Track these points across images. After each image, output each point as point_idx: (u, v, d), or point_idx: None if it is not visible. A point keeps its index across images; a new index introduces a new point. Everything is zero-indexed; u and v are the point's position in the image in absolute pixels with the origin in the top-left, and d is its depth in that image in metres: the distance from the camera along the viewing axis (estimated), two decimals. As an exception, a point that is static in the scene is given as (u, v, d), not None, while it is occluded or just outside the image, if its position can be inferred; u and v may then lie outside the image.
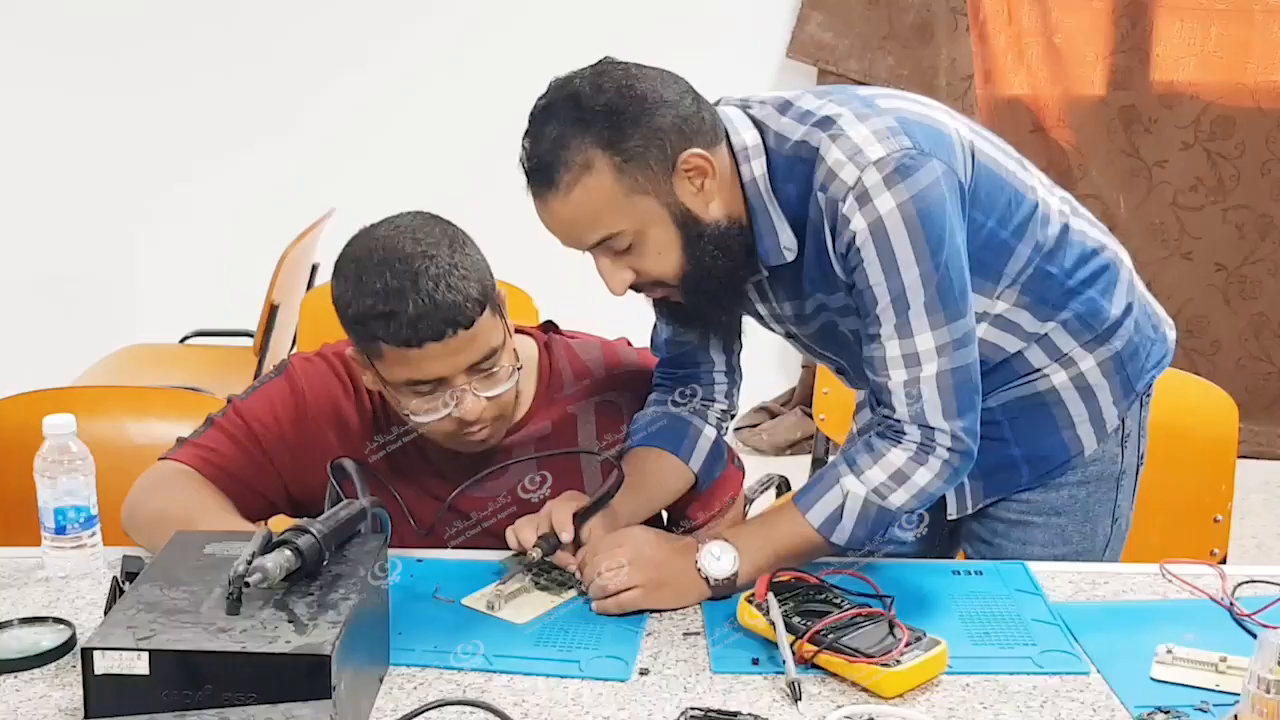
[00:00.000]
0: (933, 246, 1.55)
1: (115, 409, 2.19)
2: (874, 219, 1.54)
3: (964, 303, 1.59)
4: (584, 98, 1.54)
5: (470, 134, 4.37)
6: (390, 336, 1.62)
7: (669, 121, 1.54)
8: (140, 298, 4.60)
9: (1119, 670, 1.47)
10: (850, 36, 4.41)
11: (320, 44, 4.47)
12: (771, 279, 1.72)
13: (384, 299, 1.61)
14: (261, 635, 1.28)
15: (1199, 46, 4.40)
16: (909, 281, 1.56)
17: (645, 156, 1.54)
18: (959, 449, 1.62)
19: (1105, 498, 1.83)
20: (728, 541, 1.63)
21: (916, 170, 1.54)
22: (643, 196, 1.55)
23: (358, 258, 1.66)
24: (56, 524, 1.69)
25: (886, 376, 1.60)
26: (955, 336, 1.59)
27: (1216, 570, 1.72)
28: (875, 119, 1.58)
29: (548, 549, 1.67)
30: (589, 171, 1.54)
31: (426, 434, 1.76)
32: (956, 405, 1.60)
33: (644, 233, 1.58)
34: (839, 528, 1.63)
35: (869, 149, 1.55)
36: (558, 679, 1.46)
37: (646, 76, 1.57)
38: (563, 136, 1.54)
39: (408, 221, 1.68)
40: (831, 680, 1.45)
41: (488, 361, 1.68)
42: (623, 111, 1.53)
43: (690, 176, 1.57)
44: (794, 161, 1.61)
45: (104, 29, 4.40)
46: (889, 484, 1.62)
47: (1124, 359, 1.77)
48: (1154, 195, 4.49)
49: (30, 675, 1.47)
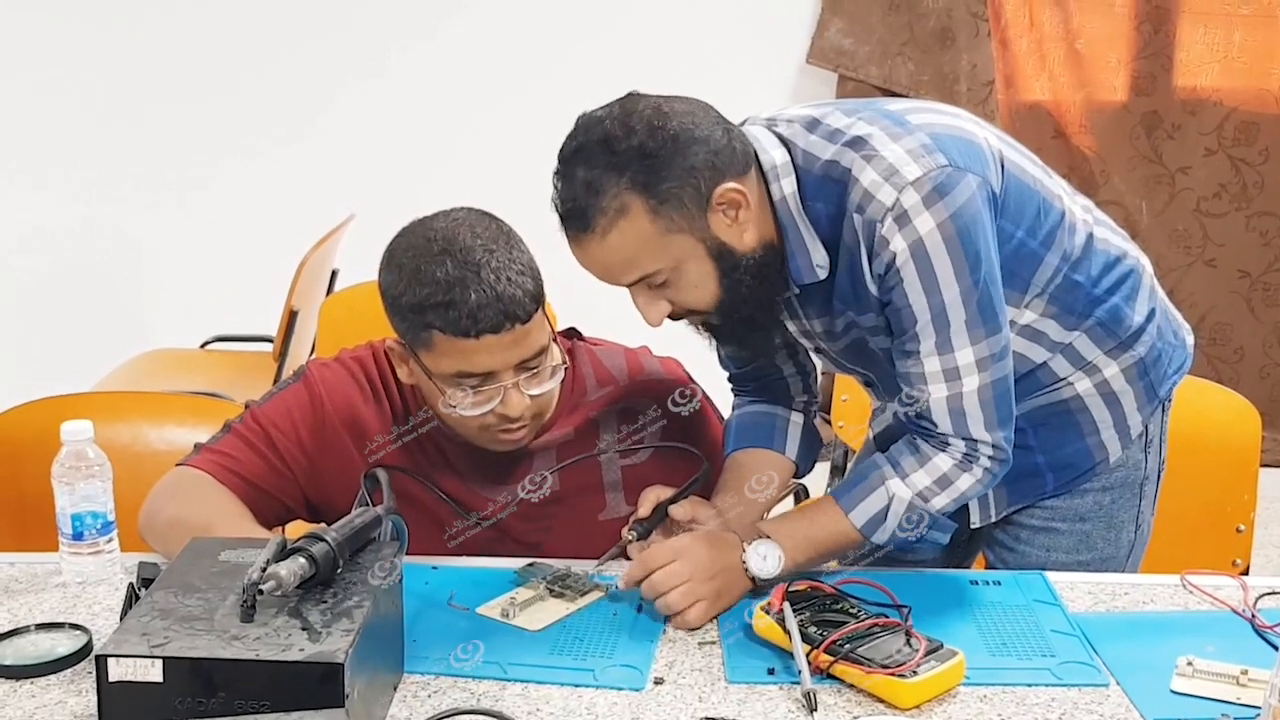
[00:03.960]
0: (972, 263, 1.55)
1: (133, 415, 2.20)
2: (914, 239, 1.54)
3: (1002, 316, 1.60)
4: (615, 140, 1.53)
5: (490, 140, 4.38)
6: (448, 326, 1.63)
7: (701, 159, 1.54)
8: (160, 303, 4.62)
9: (1139, 682, 1.46)
10: (870, 42, 4.39)
11: (341, 50, 4.47)
12: (802, 297, 1.71)
13: (444, 289, 1.62)
14: (275, 643, 1.27)
15: (1222, 52, 4.37)
16: (949, 299, 1.56)
17: (680, 196, 1.54)
18: (999, 458, 1.64)
19: (1129, 504, 1.82)
20: (773, 540, 1.64)
21: (954, 187, 1.54)
22: (679, 235, 1.56)
23: (414, 247, 1.67)
24: (74, 530, 1.69)
25: (925, 392, 1.61)
26: (994, 350, 1.59)
27: (1238, 582, 1.70)
28: (908, 137, 1.57)
29: (642, 532, 1.71)
30: (624, 215, 1.54)
31: (459, 430, 1.76)
32: (997, 417, 1.62)
33: (680, 269, 1.58)
34: (881, 528, 1.65)
35: (905, 169, 1.54)
36: (572, 688, 1.46)
37: (676, 112, 1.56)
38: (596, 181, 1.53)
39: (463, 215, 1.70)
40: (847, 691, 1.44)
41: (536, 359, 1.70)
42: (655, 154, 1.53)
43: (724, 210, 1.57)
44: (824, 181, 1.60)
45: (125, 33, 4.42)
46: (933, 488, 1.64)
47: (1147, 365, 1.76)
48: (1177, 202, 4.46)
49: (46, 681, 1.47)
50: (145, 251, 4.60)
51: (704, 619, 1.60)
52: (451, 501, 1.82)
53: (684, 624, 1.59)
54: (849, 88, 4.40)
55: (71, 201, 4.54)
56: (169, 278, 4.63)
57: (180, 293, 4.61)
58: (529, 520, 1.84)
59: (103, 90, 4.47)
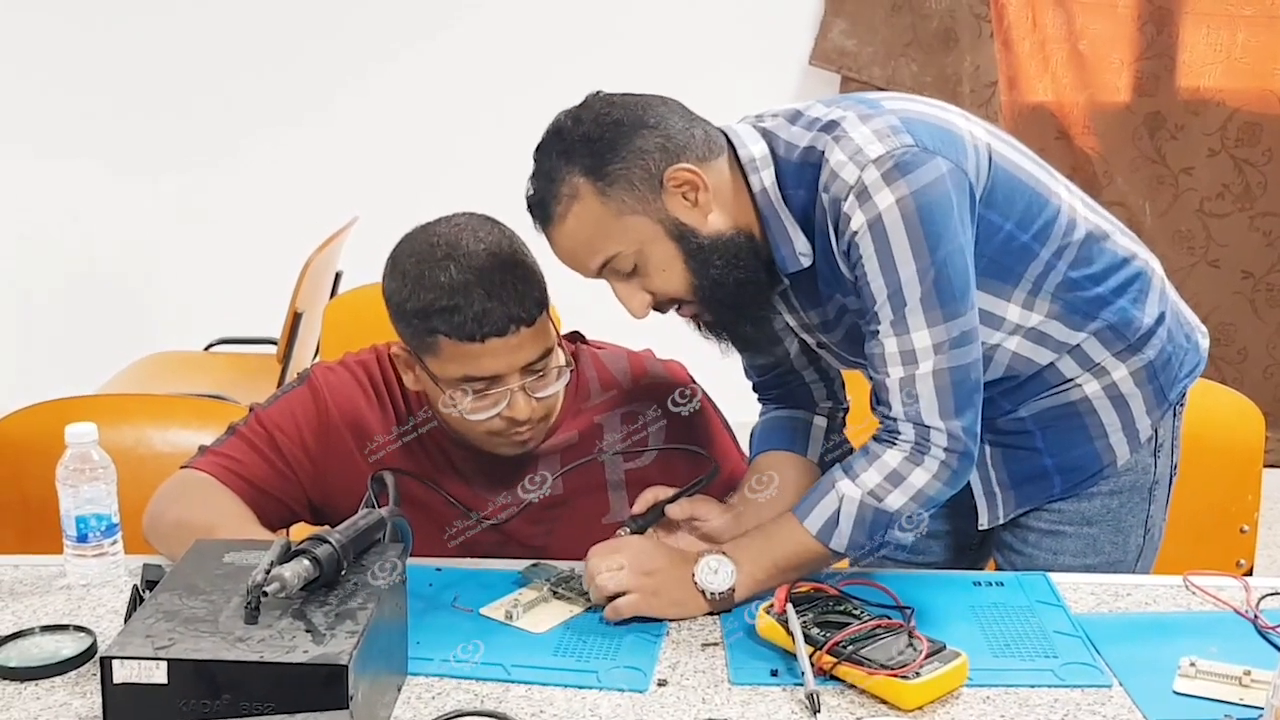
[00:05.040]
0: (931, 243, 1.55)
1: (138, 417, 2.20)
2: (874, 215, 1.55)
3: (964, 302, 1.59)
4: (565, 131, 1.60)
5: (493, 141, 4.37)
6: (453, 330, 1.64)
7: (651, 142, 1.57)
8: (164, 306, 4.63)
9: (1141, 683, 1.46)
10: (874, 43, 4.40)
11: (345, 52, 4.48)
12: (793, 288, 1.72)
13: (449, 294, 1.64)
14: (279, 645, 1.28)
15: (1225, 53, 4.36)
16: (905, 277, 1.56)
17: (628, 177, 1.57)
18: (956, 449, 1.61)
19: (1138, 508, 1.82)
20: (725, 555, 1.63)
21: (917, 167, 1.54)
22: (634, 216, 1.58)
23: (418, 253, 1.68)
24: (78, 532, 1.70)
25: (885, 374, 1.60)
26: (953, 335, 1.58)
27: (1241, 582, 1.70)
28: (878, 119, 1.59)
29: (635, 528, 1.71)
30: (576, 200, 1.58)
31: (466, 434, 1.76)
32: (954, 404, 1.60)
33: (644, 252, 1.60)
34: (836, 532, 1.63)
35: (869, 148, 1.56)
36: (576, 689, 1.46)
37: (628, 103, 1.61)
38: (551, 170, 1.59)
39: (466, 220, 1.72)
40: (851, 692, 1.45)
41: (541, 362, 1.70)
42: (600, 138, 1.57)
43: (682, 192, 1.59)
44: (802, 167, 1.62)
45: (129, 35, 4.43)
46: (885, 485, 1.61)
47: (1156, 368, 1.76)
48: (1180, 202, 4.46)
49: (51, 683, 1.48)
50: (149, 254, 4.61)
51: (632, 611, 1.59)
52: (457, 503, 1.82)
53: (614, 613, 1.59)
54: (852, 89, 4.39)
55: (75, 204, 4.55)
56: (173, 280, 4.64)
57: (184, 295, 4.62)
58: (533, 523, 1.84)
59: (107, 93, 4.48)
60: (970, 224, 1.60)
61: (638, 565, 1.62)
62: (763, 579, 1.62)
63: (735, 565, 1.62)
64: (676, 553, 1.67)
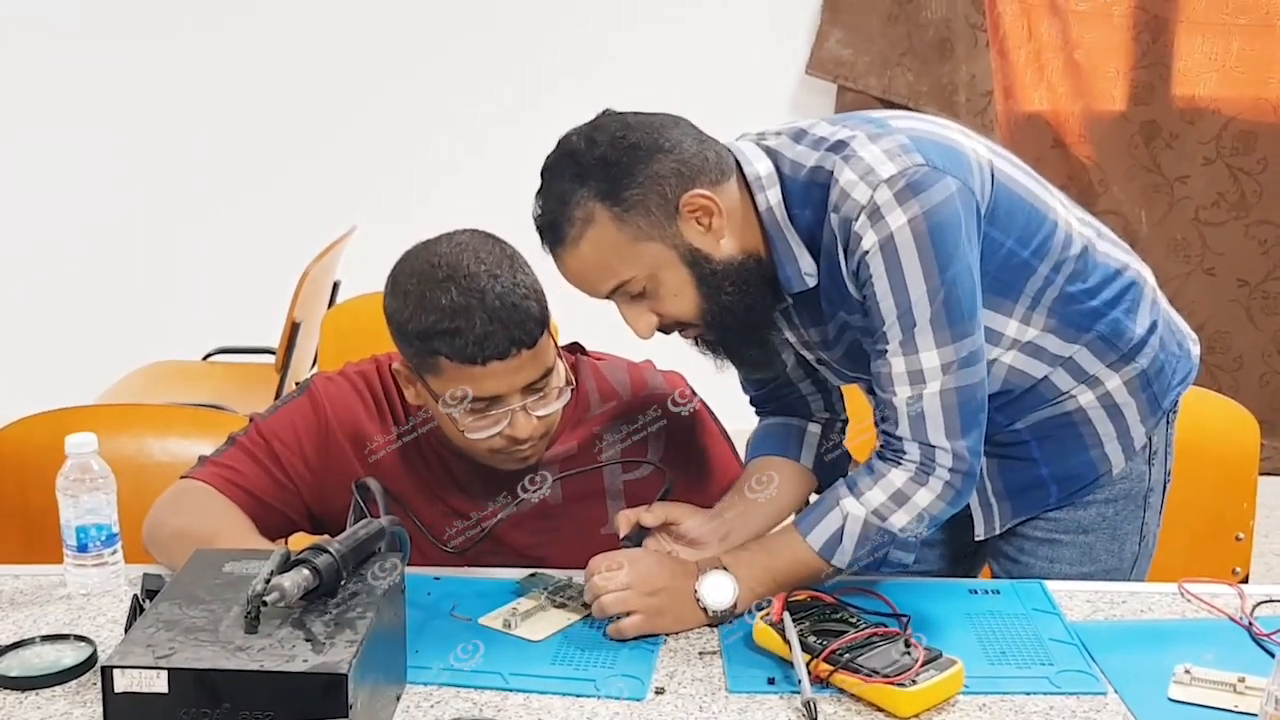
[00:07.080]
0: (941, 263, 1.55)
1: (137, 427, 2.20)
2: (885, 235, 1.54)
3: (972, 322, 1.59)
4: (580, 153, 1.58)
5: (491, 152, 4.40)
6: (455, 353, 1.64)
7: (667, 167, 1.57)
8: (163, 315, 4.63)
9: (1136, 690, 1.47)
10: (870, 53, 4.41)
11: (343, 63, 4.50)
12: (796, 306, 1.72)
13: (450, 316, 1.63)
14: (279, 654, 1.28)
15: (1220, 61, 4.38)
16: (916, 297, 1.56)
17: (645, 203, 1.56)
18: (960, 469, 1.61)
19: (1133, 516, 1.82)
20: (727, 571, 1.63)
21: (929, 186, 1.55)
22: (648, 243, 1.58)
23: (419, 273, 1.67)
24: (78, 542, 1.70)
25: (892, 393, 1.61)
26: (961, 355, 1.59)
27: (1236, 590, 1.71)
28: (887, 138, 1.59)
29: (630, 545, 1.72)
30: (591, 224, 1.57)
31: (468, 451, 1.77)
32: (960, 424, 1.60)
33: (656, 277, 1.60)
34: (839, 550, 1.63)
35: (881, 167, 1.55)
36: (574, 698, 1.47)
37: (643, 125, 1.59)
38: (564, 193, 1.57)
39: (467, 239, 1.70)
40: (847, 700, 1.45)
41: (542, 381, 1.70)
42: (617, 163, 1.56)
43: (696, 217, 1.58)
44: (809, 187, 1.62)
45: (129, 48, 4.44)
46: (889, 505, 1.61)
47: (1150, 377, 1.76)
48: (1175, 211, 4.47)
49: (52, 692, 1.48)
50: (148, 264, 4.62)
51: (638, 631, 1.59)
52: (457, 515, 1.82)
53: (618, 632, 1.59)
54: (848, 98, 4.41)
55: (75, 214, 4.56)
56: (172, 290, 4.64)
57: (183, 305, 4.62)
58: (531, 532, 1.85)
59: (107, 104, 4.49)
60: (977, 242, 1.60)
61: (642, 585, 1.61)
62: (762, 592, 1.63)
63: (735, 580, 1.62)
64: (679, 567, 1.67)
